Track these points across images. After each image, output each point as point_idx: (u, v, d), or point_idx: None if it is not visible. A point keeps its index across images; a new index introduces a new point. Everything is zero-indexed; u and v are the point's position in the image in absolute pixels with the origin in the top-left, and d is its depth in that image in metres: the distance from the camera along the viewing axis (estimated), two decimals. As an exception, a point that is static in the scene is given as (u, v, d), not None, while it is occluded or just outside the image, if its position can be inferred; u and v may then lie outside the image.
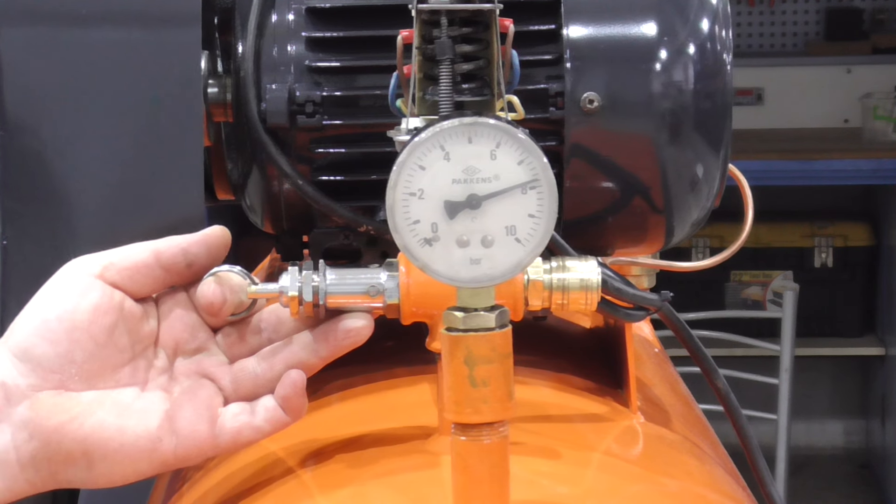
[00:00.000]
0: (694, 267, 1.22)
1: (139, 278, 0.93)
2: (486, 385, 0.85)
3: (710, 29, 1.10)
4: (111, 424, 0.91)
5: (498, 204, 0.83)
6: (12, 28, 1.10)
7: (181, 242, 0.95)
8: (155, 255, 0.94)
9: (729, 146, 1.11)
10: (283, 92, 1.08)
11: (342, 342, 0.94)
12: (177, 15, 1.10)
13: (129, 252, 0.94)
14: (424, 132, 0.83)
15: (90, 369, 0.91)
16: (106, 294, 0.92)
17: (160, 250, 0.94)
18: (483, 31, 0.87)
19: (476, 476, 0.85)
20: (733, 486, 1.12)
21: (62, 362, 0.90)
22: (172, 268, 0.95)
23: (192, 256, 0.94)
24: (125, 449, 0.91)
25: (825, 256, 4.76)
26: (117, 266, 0.93)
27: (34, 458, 0.89)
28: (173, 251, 0.94)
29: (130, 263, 0.93)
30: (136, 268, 0.93)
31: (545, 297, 0.97)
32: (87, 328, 0.91)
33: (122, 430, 0.91)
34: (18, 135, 1.10)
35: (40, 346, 0.90)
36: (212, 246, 0.95)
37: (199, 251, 0.95)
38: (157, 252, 0.94)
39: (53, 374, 0.90)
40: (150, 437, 0.91)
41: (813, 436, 5.06)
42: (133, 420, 0.91)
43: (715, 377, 1.13)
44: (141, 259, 0.93)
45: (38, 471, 0.89)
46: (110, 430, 0.90)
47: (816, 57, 5.14)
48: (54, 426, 0.90)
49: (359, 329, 0.94)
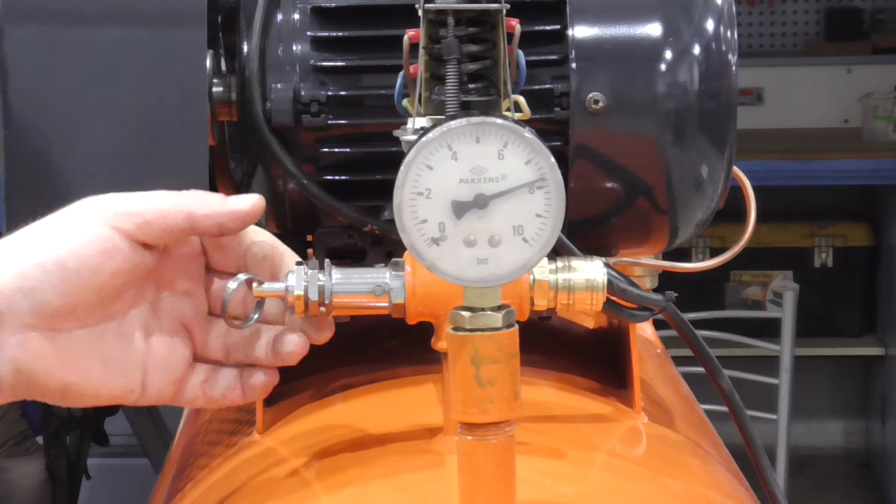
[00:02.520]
0: (697, 268, 1.22)
1: (165, 237, 0.93)
2: (493, 385, 0.85)
3: (715, 29, 1.10)
4: (95, 378, 0.92)
5: (505, 203, 0.83)
6: (18, 28, 1.10)
7: (220, 216, 0.93)
8: (190, 222, 0.92)
9: (734, 147, 1.11)
10: (288, 91, 1.08)
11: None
12: (182, 14, 1.10)
13: (163, 214, 0.92)
14: (432, 132, 0.83)
15: (87, 314, 0.92)
16: (129, 255, 0.91)
17: (196, 220, 0.93)
18: (489, 30, 0.87)
19: (482, 476, 0.85)
20: (736, 486, 1.12)
21: (65, 312, 0.90)
22: (202, 233, 0.94)
23: (227, 230, 0.94)
24: (100, 397, 0.93)
25: (825, 256, 4.76)
26: (151, 226, 0.92)
27: (14, 387, 0.90)
28: (210, 224, 0.93)
29: (164, 226, 0.92)
30: (168, 229, 0.92)
31: (551, 297, 0.97)
32: (100, 287, 0.91)
33: (103, 383, 0.92)
34: (23, 134, 1.10)
35: (49, 294, 0.89)
36: (249, 222, 0.94)
37: (235, 227, 0.94)
38: (193, 220, 0.92)
39: (53, 319, 0.90)
40: (124, 388, 0.93)
41: (813, 436, 5.06)
42: (113, 372, 0.93)
43: (719, 377, 1.13)
44: (175, 224, 0.92)
45: (14, 395, 0.91)
46: (93, 383, 0.92)
47: (816, 57, 5.14)
48: (42, 370, 0.90)
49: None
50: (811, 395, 4.98)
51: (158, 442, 3.84)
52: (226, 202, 0.93)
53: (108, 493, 4.45)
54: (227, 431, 1.19)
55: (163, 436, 3.86)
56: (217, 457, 1.14)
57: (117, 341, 0.93)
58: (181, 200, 0.93)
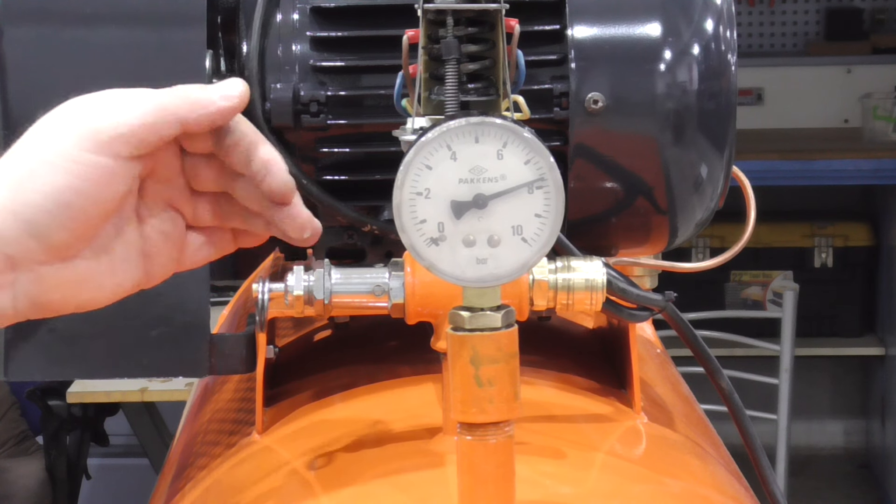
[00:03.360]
0: (697, 268, 1.22)
1: (159, 147, 0.92)
2: (492, 385, 0.85)
3: (715, 29, 1.10)
4: (106, 286, 0.93)
5: (504, 203, 0.83)
6: (17, 27, 1.10)
7: (210, 116, 0.91)
8: (182, 128, 0.91)
9: (733, 147, 1.11)
10: (287, 91, 1.08)
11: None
12: (181, 14, 1.10)
13: (155, 128, 0.90)
14: (431, 132, 0.83)
15: (92, 234, 0.92)
16: (128, 175, 0.91)
17: (188, 124, 0.91)
18: (489, 31, 0.87)
19: (481, 475, 0.85)
20: (736, 486, 1.12)
21: (72, 241, 0.91)
22: (193, 133, 0.92)
23: (217, 126, 0.92)
24: (114, 297, 0.94)
25: (825, 256, 4.76)
26: (145, 143, 0.90)
27: (31, 313, 0.92)
28: (201, 125, 0.91)
29: (158, 139, 0.90)
30: (162, 141, 0.91)
31: (550, 297, 0.97)
32: (105, 213, 0.91)
33: (114, 287, 0.93)
34: (22, 134, 1.10)
35: (58, 233, 0.90)
36: (238, 112, 0.92)
37: (224, 121, 0.92)
38: (185, 126, 0.91)
39: (61, 250, 0.91)
40: (132, 281, 0.94)
41: (813, 436, 5.06)
42: (120, 272, 0.93)
43: (719, 377, 1.13)
44: (168, 134, 0.90)
45: (31, 317, 0.92)
46: (105, 291, 0.93)
47: (816, 57, 5.14)
48: (58, 298, 0.92)
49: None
50: (811, 395, 4.98)
51: (158, 442, 3.84)
52: (213, 100, 0.90)
53: (108, 493, 4.46)
54: (227, 431, 1.19)
55: (163, 436, 3.86)
56: (217, 457, 1.14)
57: (118, 242, 0.93)
58: (170, 106, 0.91)
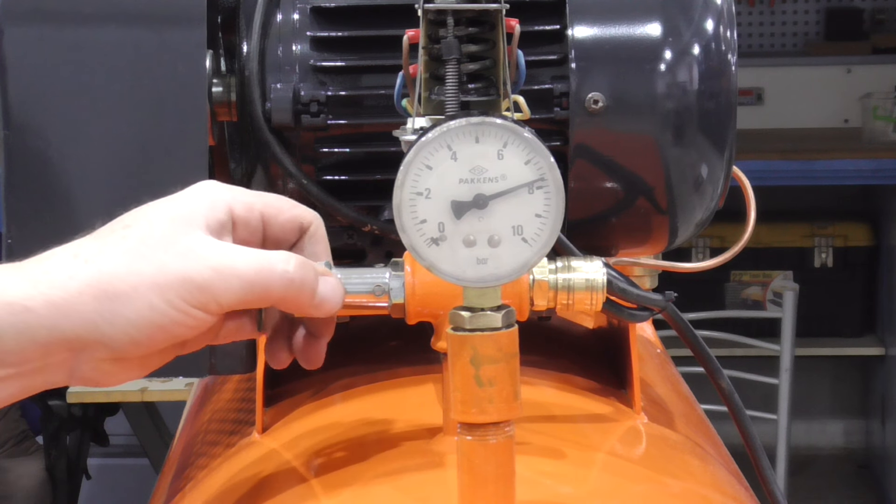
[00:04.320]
0: (697, 268, 1.22)
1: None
2: (493, 385, 0.85)
3: (715, 29, 1.10)
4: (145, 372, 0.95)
5: (505, 204, 0.83)
6: (17, 27, 1.09)
7: (300, 311, 0.93)
8: (271, 304, 0.93)
9: (733, 147, 1.11)
10: (287, 91, 1.08)
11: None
12: (181, 14, 1.10)
13: (247, 302, 0.90)
14: (431, 132, 0.83)
15: (160, 356, 0.93)
16: (212, 323, 0.91)
17: (279, 305, 0.92)
18: (489, 31, 0.87)
19: (482, 476, 0.85)
20: (736, 486, 1.12)
21: (136, 357, 0.91)
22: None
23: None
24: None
25: (825, 256, 4.76)
26: (234, 308, 0.91)
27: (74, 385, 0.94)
28: (289, 310, 0.94)
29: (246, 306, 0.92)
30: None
31: (550, 297, 0.97)
32: (179, 350, 0.93)
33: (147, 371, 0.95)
34: (23, 134, 1.10)
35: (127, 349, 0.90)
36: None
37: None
38: (277, 305, 0.93)
39: (125, 362, 0.91)
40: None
41: (813, 436, 5.06)
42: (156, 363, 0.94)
43: (719, 377, 1.13)
44: (258, 304, 0.92)
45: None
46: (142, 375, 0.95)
47: (816, 57, 5.14)
48: (105, 382, 0.92)
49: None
50: (811, 395, 4.98)
51: (158, 442, 3.84)
52: (311, 299, 0.92)
53: (108, 493, 4.46)
54: (227, 431, 1.19)
55: (163, 436, 3.86)
56: (217, 457, 1.14)
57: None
58: (275, 288, 0.91)
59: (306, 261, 0.91)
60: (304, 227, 0.95)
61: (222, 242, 0.90)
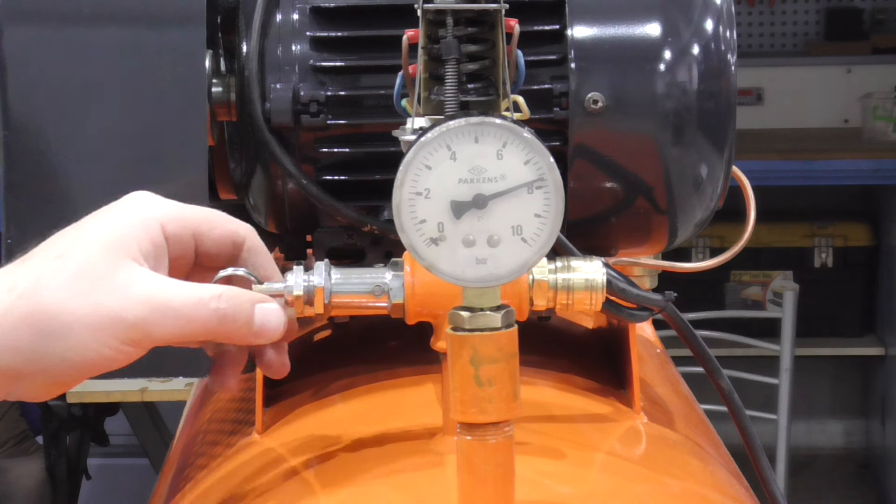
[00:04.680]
0: (697, 268, 1.22)
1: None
2: (492, 385, 0.85)
3: (714, 29, 1.10)
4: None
5: (504, 204, 0.83)
6: (17, 27, 1.10)
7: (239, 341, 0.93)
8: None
9: (733, 146, 1.11)
10: (287, 91, 1.08)
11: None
12: (181, 15, 1.10)
13: (181, 338, 0.91)
14: (431, 132, 0.82)
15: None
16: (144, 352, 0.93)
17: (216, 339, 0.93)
18: (488, 30, 0.87)
19: (481, 476, 0.85)
20: (736, 486, 1.12)
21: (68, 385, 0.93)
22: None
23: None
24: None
25: (825, 256, 4.77)
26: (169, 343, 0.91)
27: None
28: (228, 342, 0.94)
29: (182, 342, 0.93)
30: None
31: (550, 297, 0.97)
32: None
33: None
34: (23, 134, 1.10)
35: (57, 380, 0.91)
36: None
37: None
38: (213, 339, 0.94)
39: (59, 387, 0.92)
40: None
41: (813, 436, 5.06)
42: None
43: (718, 377, 1.13)
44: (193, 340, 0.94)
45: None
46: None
47: (816, 57, 5.14)
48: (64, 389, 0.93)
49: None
50: (811, 395, 4.98)
51: (158, 442, 3.84)
52: (248, 331, 0.92)
53: (108, 493, 4.46)
54: (227, 431, 1.19)
55: (163, 436, 3.86)
56: (217, 457, 1.14)
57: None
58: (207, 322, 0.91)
59: (239, 292, 0.92)
60: (239, 242, 0.95)
61: (156, 276, 0.90)
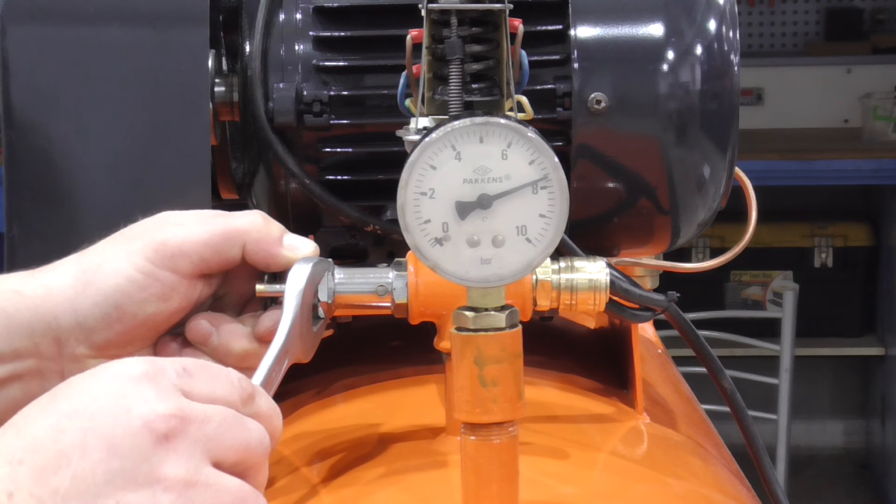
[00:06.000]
0: (698, 268, 1.22)
1: (217, 268, 0.94)
2: (496, 385, 0.85)
3: (718, 29, 1.10)
4: None
5: (509, 204, 0.83)
6: (19, 26, 1.10)
7: (266, 258, 0.94)
8: (243, 253, 0.94)
9: (736, 147, 1.11)
10: (290, 91, 1.08)
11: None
12: (184, 14, 1.10)
13: (216, 248, 0.93)
14: (436, 132, 0.82)
15: (144, 341, 0.95)
16: (186, 293, 0.93)
17: (248, 251, 0.94)
18: (493, 31, 0.87)
19: (485, 476, 0.85)
20: (738, 486, 1.12)
21: (114, 342, 0.93)
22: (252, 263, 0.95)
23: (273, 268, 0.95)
24: None
25: (825, 256, 4.76)
26: (208, 263, 0.93)
27: None
28: (258, 260, 0.94)
29: (218, 261, 0.93)
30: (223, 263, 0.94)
31: (554, 297, 0.97)
32: (156, 325, 0.94)
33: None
34: (25, 133, 1.10)
35: (108, 334, 0.92)
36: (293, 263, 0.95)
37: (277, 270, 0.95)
38: (246, 252, 0.94)
39: (109, 350, 0.93)
40: None
41: (813, 436, 5.06)
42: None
43: (721, 377, 1.13)
44: (230, 256, 0.93)
45: None
46: None
47: (816, 57, 5.14)
48: None
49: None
50: (811, 395, 4.98)
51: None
52: (281, 240, 0.94)
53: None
54: (229, 431, 1.19)
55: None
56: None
57: (177, 354, 0.95)
58: (239, 229, 0.93)
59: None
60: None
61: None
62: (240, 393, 0.81)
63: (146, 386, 0.77)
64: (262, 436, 0.81)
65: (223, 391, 0.80)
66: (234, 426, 0.79)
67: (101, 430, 0.75)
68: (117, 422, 0.76)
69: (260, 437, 0.80)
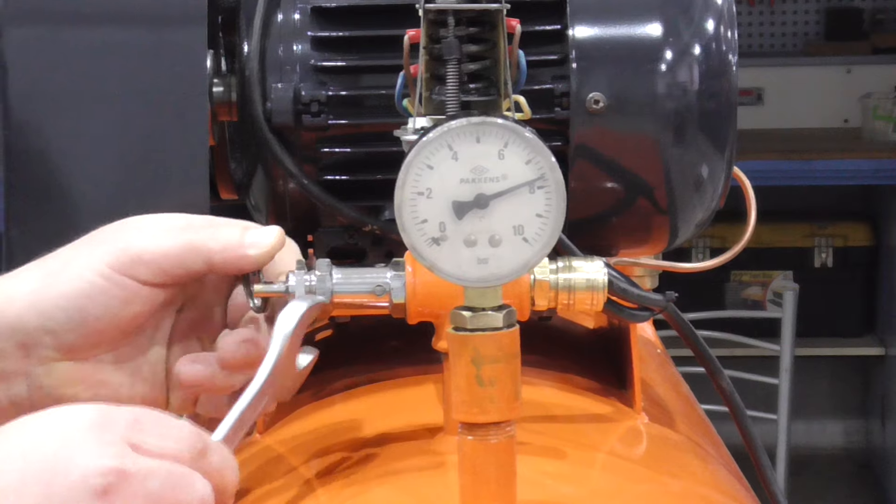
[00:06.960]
0: (697, 268, 1.22)
1: (183, 278, 0.93)
2: (494, 385, 0.85)
3: (716, 29, 1.10)
4: (123, 392, 0.94)
5: (506, 203, 0.83)
6: (17, 27, 1.10)
7: (236, 263, 0.92)
8: (208, 265, 0.92)
9: (734, 147, 1.11)
10: (288, 91, 1.08)
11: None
12: (182, 14, 1.11)
13: (179, 260, 0.91)
14: (432, 132, 0.83)
15: (109, 345, 0.93)
16: (147, 298, 0.92)
17: (215, 265, 0.92)
18: (490, 31, 0.87)
19: (483, 476, 0.85)
20: (737, 486, 1.12)
21: (87, 346, 0.92)
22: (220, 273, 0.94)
23: (245, 269, 0.94)
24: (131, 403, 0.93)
25: (825, 256, 4.77)
26: (167, 273, 0.92)
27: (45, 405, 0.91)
28: (228, 270, 0.93)
29: (182, 271, 0.92)
30: (186, 273, 0.92)
31: (551, 297, 0.97)
32: (120, 328, 0.93)
33: (131, 395, 0.94)
34: (23, 133, 1.10)
35: (72, 336, 0.91)
36: (268, 260, 0.94)
37: (253, 267, 0.94)
38: (211, 263, 0.92)
39: (76, 352, 0.92)
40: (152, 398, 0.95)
41: (813, 436, 5.06)
42: (138, 392, 0.94)
43: (720, 377, 1.13)
44: (193, 267, 0.92)
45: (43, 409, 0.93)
46: (122, 395, 0.93)
47: (816, 57, 5.15)
48: (70, 394, 0.92)
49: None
50: (811, 395, 4.99)
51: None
52: (242, 244, 0.92)
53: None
54: (228, 431, 1.19)
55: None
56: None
57: (143, 361, 0.94)
58: (199, 242, 0.92)
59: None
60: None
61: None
62: (189, 448, 0.80)
63: (92, 436, 0.77)
64: (207, 494, 0.80)
65: (173, 446, 0.80)
66: (178, 483, 0.78)
67: (39, 477, 0.75)
68: (56, 470, 0.75)
69: (203, 496, 0.79)
